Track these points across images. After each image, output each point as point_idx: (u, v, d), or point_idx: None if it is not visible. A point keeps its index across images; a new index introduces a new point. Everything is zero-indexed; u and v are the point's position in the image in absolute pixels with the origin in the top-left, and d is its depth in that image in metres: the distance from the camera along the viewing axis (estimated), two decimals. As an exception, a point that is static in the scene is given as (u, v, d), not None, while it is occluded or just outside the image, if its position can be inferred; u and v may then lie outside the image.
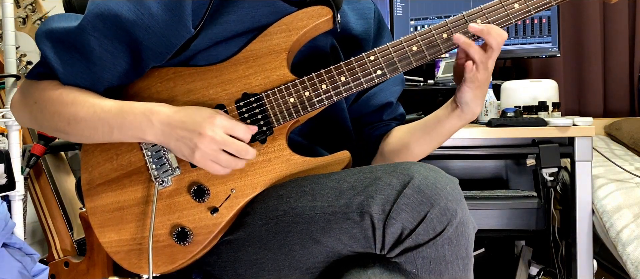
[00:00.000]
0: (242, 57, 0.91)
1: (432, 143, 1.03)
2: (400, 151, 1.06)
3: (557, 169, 1.61)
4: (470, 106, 0.93)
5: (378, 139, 1.11)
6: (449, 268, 0.75)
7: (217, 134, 0.81)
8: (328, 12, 0.91)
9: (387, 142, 1.09)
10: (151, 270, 0.85)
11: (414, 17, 2.04)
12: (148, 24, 0.84)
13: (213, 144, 0.81)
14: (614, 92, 2.36)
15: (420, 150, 1.04)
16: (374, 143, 1.11)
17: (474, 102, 0.92)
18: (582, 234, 1.59)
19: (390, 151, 1.08)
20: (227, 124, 0.82)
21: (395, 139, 1.08)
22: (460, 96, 0.92)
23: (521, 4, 0.89)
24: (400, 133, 1.08)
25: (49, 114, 0.88)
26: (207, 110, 0.84)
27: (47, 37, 0.86)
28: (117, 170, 0.91)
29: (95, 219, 0.91)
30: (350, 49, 1.04)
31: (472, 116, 0.95)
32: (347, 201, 0.78)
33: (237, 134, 0.83)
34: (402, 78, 1.13)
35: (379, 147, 1.10)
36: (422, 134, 1.03)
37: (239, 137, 0.83)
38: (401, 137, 1.07)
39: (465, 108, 0.94)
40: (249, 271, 0.88)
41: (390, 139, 1.09)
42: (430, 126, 1.01)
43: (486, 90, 0.93)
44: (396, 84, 1.11)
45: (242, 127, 0.84)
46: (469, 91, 0.90)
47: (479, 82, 0.89)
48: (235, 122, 0.83)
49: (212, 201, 0.88)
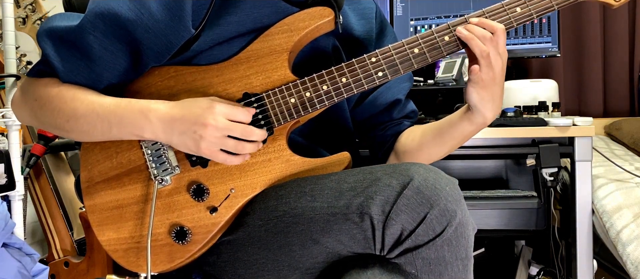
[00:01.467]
0: (243, 57, 0.91)
1: (445, 147, 1.01)
2: (413, 153, 1.05)
3: (557, 169, 1.60)
4: (479, 109, 0.91)
5: (393, 139, 1.10)
6: (449, 268, 0.75)
7: (219, 121, 0.81)
8: (330, 13, 0.91)
9: (402, 142, 1.08)
10: (149, 269, 0.86)
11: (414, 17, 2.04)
12: (148, 24, 0.85)
13: (217, 131, 0.81)
14: (614, 92, 2.36)
15: (433, 153, 1.03)
16: (388, 143, 1.10)
17: (482, 105, 0.90)
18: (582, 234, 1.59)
19: (403, 152, 1.07)
20: (227, 110, 0.83)
21: (409, 140, 1.07)
22: (467, 98, 0.91)
23: (523, 7, 0.89)
24: (414, 134, 1.07)
25: (49, 110, 0.88)
26: (204, 100, 0.84)
27: (48, 35, 0.87)
28: (116, 168, 0.91)
29: (94, 218, 0.91)
30: (353, 49, 1.04)
31: (483, 120, 0.93)
32: (347, 202, 0.78)
33: (238, 118, 0.83)
34: (410, 75, 1.12)
35: (394, 147, 1.10)
36: (434, 137, 1.02)
37: (240, 120, 0.84)
38: (414, 139, 1.06)
39: (475, 111, 0.92)
40: (249, 271, 0.88)
41: (405, 140, 1.08)
42: (444, 128, 1.00)
43: (496, 92, 0.90)
44: (404, 81, 1.10)
45: (242, 110, 0.84)
46: (474, 92, 0.89)
47: (483, 82, 0.87)
48: (234, 107, 0.84)
49: (211, 200, 0.88)
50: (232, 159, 0.84)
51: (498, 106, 0.92)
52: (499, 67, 0.87)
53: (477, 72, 0.87)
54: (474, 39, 0.86)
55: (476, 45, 0.86)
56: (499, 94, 0.90)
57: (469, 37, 0.86)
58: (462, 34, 0.86)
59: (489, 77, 0.87)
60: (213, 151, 0.83)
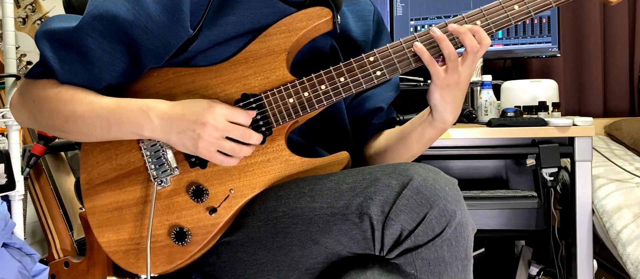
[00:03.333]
0: (241, 57, 0.91)
1: (409, 151, 1.01)
2: (379, 155, 1.06)
3: (557, 169, 1.60)
4: (439, 110, 0.91)
5: (365, 140, 1.12)
6: (448, 269, 0.75)
7: (219, 122, 0.81)
8: (328, 13, 0.91)
9: (371, 145, 1.10)
10: (149, 270, 0.86)
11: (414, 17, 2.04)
12: (146, 25, 0.85)
13: (216, 131, 0.81)
14: (614, 92, 2.36)
15: (398, 156, 1.03)
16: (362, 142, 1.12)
17: (442, 107, 0.90)
18: (582, 234, 1.59)
19: (370, 155, 1.09)
20: (227, 112, 0.83)
21: (377, 142, 1.09)
22: (428, 96, 0.91)
23: (521, 5, 0.88)
24: (383, 136, 1.09)
25: (48, 112, 0.88)
26: (204, 100, 0.84)
27: (46, 37, 0.87)
28: (116, 170, 0.91)
29: (94, 219, 0.91)
30: (349, 50, 1.04)
31: (443, 124, 0.93)
32: (346, 202, 0.78)
33: (238, 120, 0.84)
34: (397, 84, 1.13)
35: (364, 149, 1.11)
36: (398, 140, 1.03)
37: (240, 123, 0.84)
38: (382, 141, 1.07)
39: (435, 114, 0.92)
40: (249, 272, 0.88)
41: (374, 142, 1.10)
42: (407, 132, 1.01)
43: (457, 96, 0.90)
44: (389, 90, 1.11)
45: (242, 113, 0.84)
46: (435, 91, 0.89)
47: (444, 82, 0.87)
48: (234, 109, 0.84)
49: (210, 201, 0.88)
50: (229, 161, 0.84)
51: (458, 109, 0.92)
52: (466, 74, 0.87)
53: (439, 70, 0.87)
54: (445, 40, 0.85)
55: (446, 46, 0.85)
56: (461, 98, 0.91)
57: (440, 38, 0.85)
58: (435, 34, 0.86)
59: (453, 80, 0.87)
60: (210, 151, 0.83)
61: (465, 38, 0.85)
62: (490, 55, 2.01)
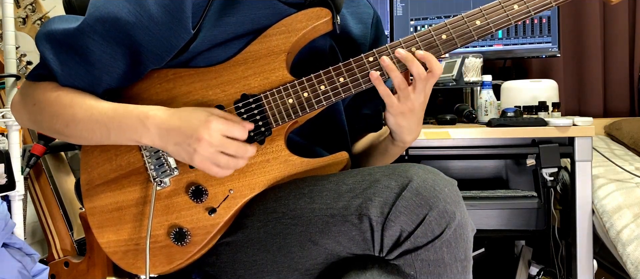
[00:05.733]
0: (241, 58, 0.91)
1: (376, 160, 1.06)
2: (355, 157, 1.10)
3: (557, 169, 1.60)
4: (397, 133, 0.94)
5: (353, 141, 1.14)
6: (448, 270, 0.75)
7: (214, 138, 0.81)
8: (327, 14, 0.91)
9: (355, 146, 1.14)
10: (148, 270, 0.86)
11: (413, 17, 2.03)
12: (147, 26, 0.84)
13: (211, 147, 0.81)
14: (614, 92, 2.36)
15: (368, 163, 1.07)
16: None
17: (399, 131, 0.93)
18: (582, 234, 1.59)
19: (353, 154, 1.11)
20: (223, 127, 0.82)
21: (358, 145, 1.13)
22: (385, 121, 0.94)
23: (521, 4, 0.88)
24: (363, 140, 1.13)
25: (48, 115, 0.88)
26: (203, 112, 0.83)
27: (47, 38, 0.86)
28: (116, 171, 0.91)
29: (94, 220, 0.91)
30: (348, 51, 1.04)
31: (402, 144, 0.97)
32: (346, 204, 0.78)
33: (234, 136, 0.83)
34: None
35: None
36: (368, 149, 1.07)
37: (236, 138, 0.83)
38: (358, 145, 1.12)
39: (394, 135, 0.96)
40: (248, 272, 0.88)
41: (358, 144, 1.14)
42: (375, 143, 1.06)
43: (413, 121, 0.91)
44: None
45: (239, 128, 0.83)
46: (390, 118, 0.92)
47: (398, 109, 0.89)
48: (231, 124, 0.83)
49: (210, 201, 0.88)
50: (223, 173, 0.84)
51: (417, 131, 0.94)
52: (420, 101, 0.88)
53: (396, 103, 0.88)
54: (394, 70, 0.86)
55: (395, 76, 0.86)
56: (417, 122, 0.92)
57: (389, 67, 0.86)
58: (384, 62, 0.86)
59: (405, 108, 0.89)
60: (205, 164, 0.82)
61: (411, 66, 0.85)
62: (490, 56, 2.01)
